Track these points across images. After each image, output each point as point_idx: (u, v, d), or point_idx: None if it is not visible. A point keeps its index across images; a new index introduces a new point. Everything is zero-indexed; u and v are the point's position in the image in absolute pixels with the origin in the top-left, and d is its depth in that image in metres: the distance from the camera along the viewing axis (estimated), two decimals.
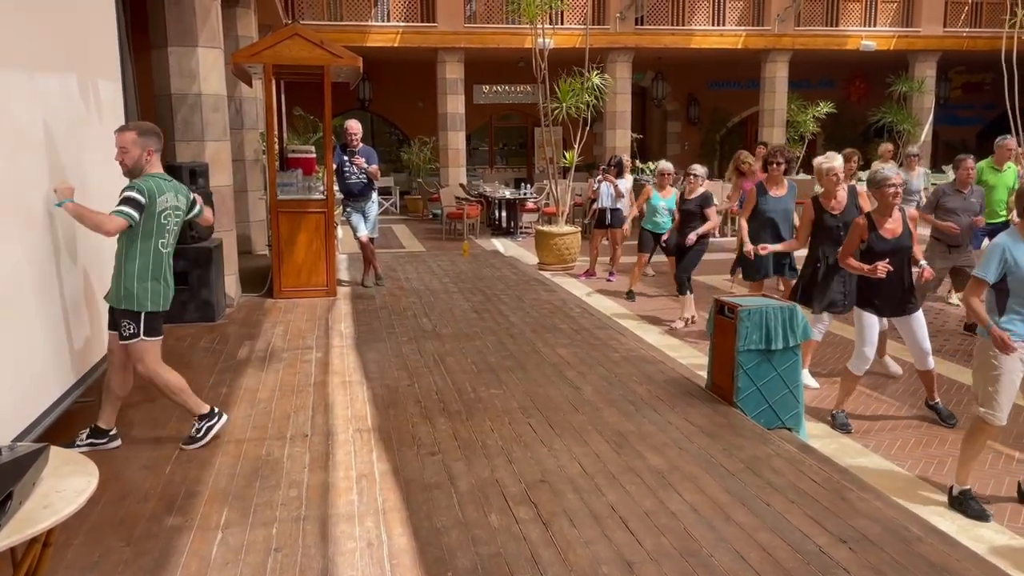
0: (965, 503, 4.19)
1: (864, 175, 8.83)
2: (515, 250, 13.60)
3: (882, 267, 5.03)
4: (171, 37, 7.30)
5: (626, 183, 10.94)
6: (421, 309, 7.91)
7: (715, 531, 3.39)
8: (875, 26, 21.11)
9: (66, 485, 2.54)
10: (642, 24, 19.97)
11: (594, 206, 10.95)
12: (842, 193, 6.10)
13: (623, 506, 3.62)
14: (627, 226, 10.52)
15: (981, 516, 4.11)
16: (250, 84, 10.42)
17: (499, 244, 14.24)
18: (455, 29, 18.87)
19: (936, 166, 20.92)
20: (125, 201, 3.97)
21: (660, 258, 9.50)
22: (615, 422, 4.71)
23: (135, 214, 3.96)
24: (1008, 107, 14.21)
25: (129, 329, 4.10)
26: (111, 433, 4.33)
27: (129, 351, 4.16)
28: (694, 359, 6.60)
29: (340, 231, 11.10)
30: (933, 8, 20.96)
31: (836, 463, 4.28)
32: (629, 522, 3.47)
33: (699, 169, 8.38)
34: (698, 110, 25.08)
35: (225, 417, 4.51)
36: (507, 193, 16.62)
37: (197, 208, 4.45)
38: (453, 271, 10.35)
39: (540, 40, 12.27)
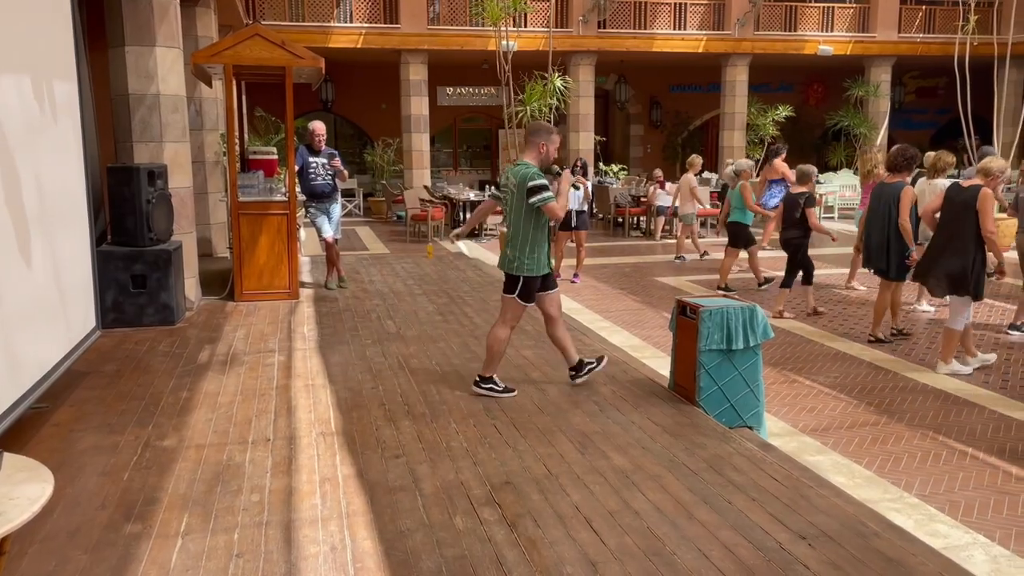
0: None
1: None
2: (479, 252, 13.60)
3: None
4: (128, 36, 7.18)
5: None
6: (385, 311, 7.87)
7: (678, 530, 3.42)
8: (832, 31, 21.50)
9: (20, 492, 2.49)
10: (604, 28, 20.12)
11: None
12: None
13: (587, 506, 3.64)
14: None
15: None
16: (210, 85, 10.29)
17: (463, 246, 14.22)
18: (418, 31, 18.83)
19: None
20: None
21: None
22: (579, 423, 4.73)
23: (496, 192, 5.32)
24: (961, 111, 14.57)
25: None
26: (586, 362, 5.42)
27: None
28: (657, 359, 6.66)
29: (303, 233, 11.01)
30: (888, 14, 21.41)
31: (796, 461, 4.35)
32: (593, 522, 3.48)
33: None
34: (660, 113, 25.33)
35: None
36: (472, 195, 16.61)
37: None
38: (417, 273, 10.31)
39: (504, 43, 12.30)
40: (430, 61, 19.30)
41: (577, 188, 10.91)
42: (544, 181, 4.95)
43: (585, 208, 10.78)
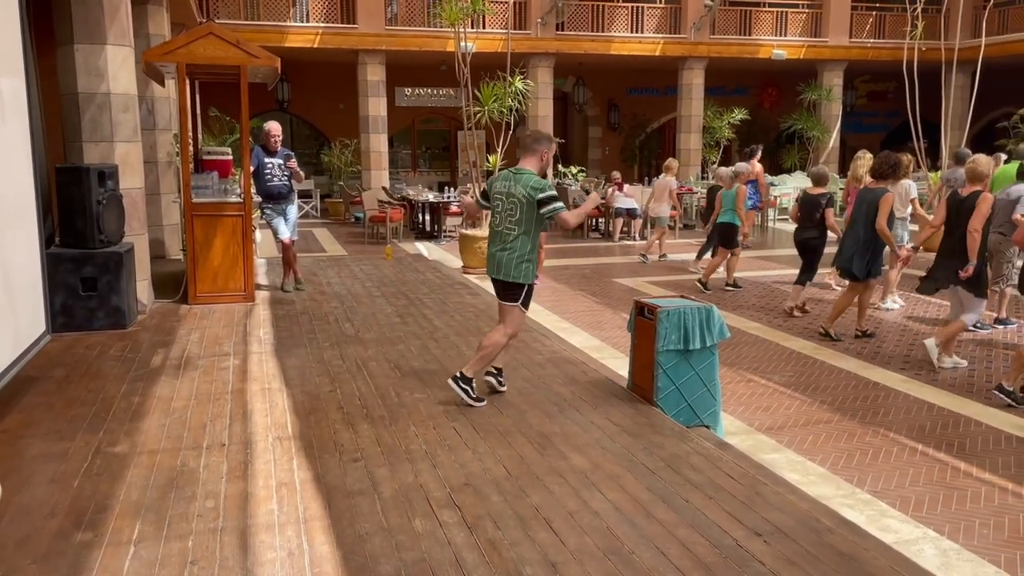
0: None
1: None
2: (439, 254, 13.56)
3: None
4: (77, 34, 7.02)
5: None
6: (343, 314, 7.80)
7: (637, 529, 3.44)
8: (786, 36, 21.86)
9: None
10: (562, 30, 20.20)
11: None
12: None
13: (547, 507, 3.65)
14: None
15: None
16: (163, 84, 10.12)
17: (423, 248, 14.17)
18: (376, 31, 18.71)
19: (845, 172, 21.80)
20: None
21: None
22: (539, 423, 4.74)
23: (482, 200, 5.30)
24: (910, 115, 14.90)
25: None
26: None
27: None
28: (616, 360, 6.70)
29: (259, 234, 10.87)
30: (840, 19, 21.84)
31: (752, 459, 4.41)
32: (553, 523, 3.49)
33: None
34: (618, 116, 25.50)
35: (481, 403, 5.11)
36: (430, 196, 16.56)
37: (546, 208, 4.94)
38: (376, 275, 10.25)
39: (462, 44, 12.27)
40: (388, 62, 19.19)
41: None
42: (555, 192, 4.97)
43: None
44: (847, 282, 8.16)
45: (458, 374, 5.09)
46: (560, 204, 4.89)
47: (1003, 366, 6.92)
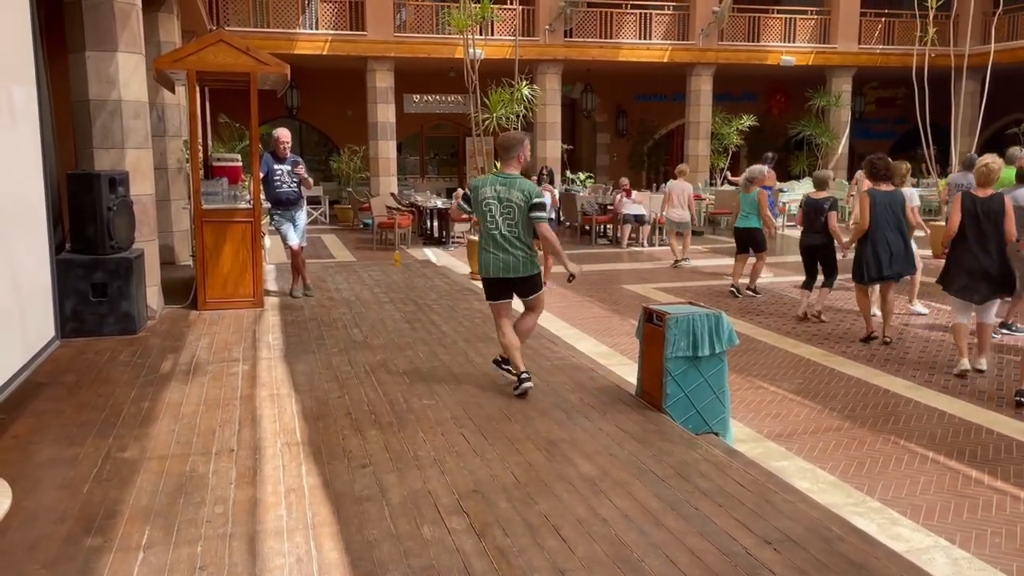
0: None
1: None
2: (447, 260, 13.57)
3: None
4: (89, 41, 7.07)
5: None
6: (352, 320, 7.81)
7: (646, 536, 3.43)
8: (794, 42, 21.84)
9: None
10: (571, 37, 20.23)
11: None
12: None
13: (556, 514, 3.64)
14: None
15: None
16: (173, 91, 10.17)
17: (431, 254, 14.19)
18: (384, 38, 18.78)
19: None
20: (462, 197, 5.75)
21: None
22: (547, 430, 4.73)
23: (464, 204, 5.57)
24: (919, 121, 14.87)
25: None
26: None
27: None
28: (624, 367, 6.69)
29: (268, 241, 10.90)
30: (848, 25, 21.81)
31: (761, 466, 4.39)
32: (562, 530, 3.48)
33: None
34: (626, 122, 25.52)
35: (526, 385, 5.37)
36: (439, 203, 16.59)
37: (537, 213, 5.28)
38: (384, 281, 10.26)
39: (470, 51, 12.31)
40: (397, 68, 19.26)
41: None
42: (544, 200, 5.38)
43: (552, 216, 10.81)
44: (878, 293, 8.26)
45: (499, 358, 5.67)
46: (546, 215, 5.33)
47: (1014, 372, 6.88)
